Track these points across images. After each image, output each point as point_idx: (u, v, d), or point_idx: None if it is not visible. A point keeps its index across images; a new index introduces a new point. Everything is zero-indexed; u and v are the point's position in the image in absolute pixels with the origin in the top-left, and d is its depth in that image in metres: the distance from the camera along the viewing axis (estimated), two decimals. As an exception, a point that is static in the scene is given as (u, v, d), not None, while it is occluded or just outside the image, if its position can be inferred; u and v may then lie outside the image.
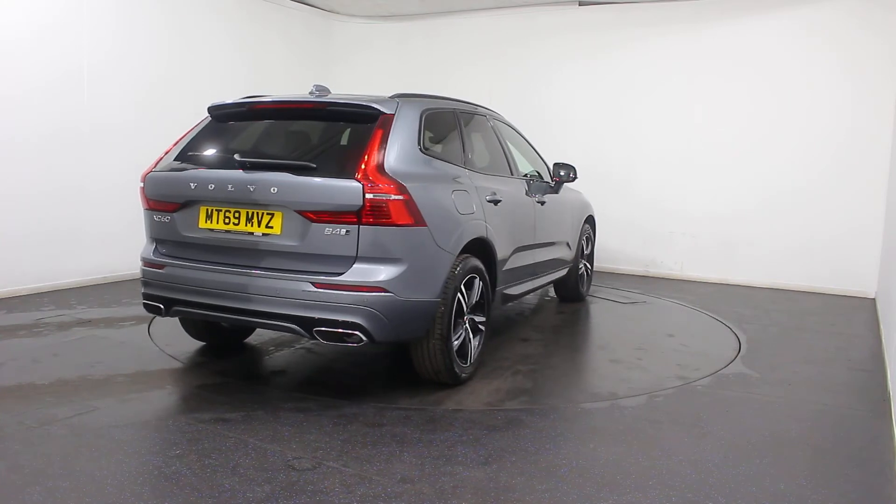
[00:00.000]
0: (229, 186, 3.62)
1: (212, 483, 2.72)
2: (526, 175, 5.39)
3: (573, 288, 6.30)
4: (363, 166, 3.44)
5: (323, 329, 3.44)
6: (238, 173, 3.63)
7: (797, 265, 7.31)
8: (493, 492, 2.72)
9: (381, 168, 3.46)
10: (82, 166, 6.31)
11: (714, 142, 7.62)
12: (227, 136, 4.05)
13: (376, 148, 3.53)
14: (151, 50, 6.89)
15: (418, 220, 3.52)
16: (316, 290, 3.42)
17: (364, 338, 3.42)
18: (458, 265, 3.81)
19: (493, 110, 5.36)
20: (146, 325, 5.12)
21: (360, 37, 9.31)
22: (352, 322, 3.40)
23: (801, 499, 2.74)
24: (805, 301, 6.82)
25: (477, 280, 4.04)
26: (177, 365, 4.33)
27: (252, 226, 3.60)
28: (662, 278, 7.86)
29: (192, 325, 4.58)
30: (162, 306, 3.89)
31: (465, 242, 3.86)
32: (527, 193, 5.00)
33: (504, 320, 5.76)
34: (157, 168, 4.03)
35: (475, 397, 3.82)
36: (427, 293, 3.61)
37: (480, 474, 2.87)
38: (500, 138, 5.05)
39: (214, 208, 3.72)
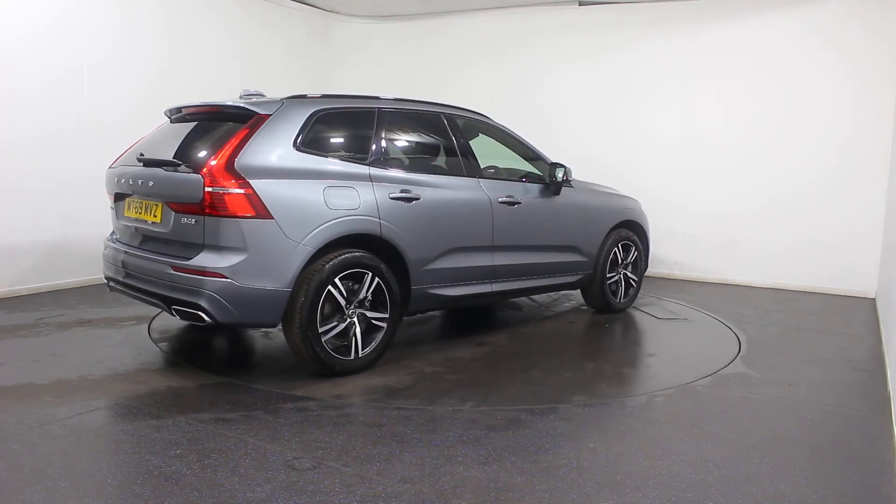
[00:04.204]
0: (130, 181, 4.23)
1: (212, 483, 2.72)
2: (524, 177, 5.32)
3: (599, 297, 5.86)
4: (211, 162, 3.78)
5: (177, 308, 3.85)
6: (139, 169, 4.20)
7: (797, 265, 7.30)
8: (493, 492, 2.72)
9: (229, 164, 3.76)
10: (82, 166, 6.30)
11: (714, 142, 7.61)
12: (161, 136, 4.49)
13: (232, 146, 3.83)
14: (151, 50, 6.89)
15: (262, 213, 3.75)
16: (173, 272, 3.84)
17: (208, 318, 3.73)
18: (329, 259, 3.94)
19: (470, 110, 5.23)
20: (146, 325, 5.12)
21: (360, 37, 9.31)
22: (196, 303, 3.75)
23: (801, 499, 2.74)
24: (805, 301, 6.82)
25: (369, 276, 4.10)
26: (177, 365, 4.33)
27: (147, 215, 4.13)
28: (662, 278, 7.86)
29: None
30: (107, 282, 4.56)
31: (333, 237, 3.97)
32: (485, 194, 4.82)
33: (500, 323, 5.76)
34: (114, 164, 4.61)
35: (330, 389, 3.86)
36: (273, 282, 3.79)
37: (480, 474, 2.87)
38: (458, 138, 4.92)
39: (132, 200, 4.29)
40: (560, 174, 5.30)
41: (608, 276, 5.86)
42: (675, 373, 4.48)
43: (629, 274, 6.09)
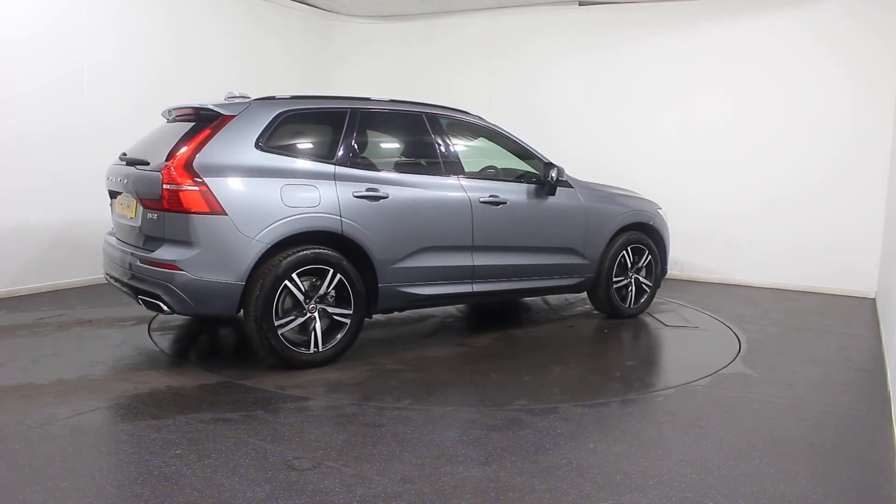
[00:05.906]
0: (116, 179, 4.48)
1: (212, 483, 2.72)
2: (521, 177, 5.26)
3: (605, 302, 5.67)
4: (171, 160, 3.97)
5: (142, 298, 4.07)
6: (122, 168, 4.43)
7: (797, 265, 7.30)
8: (493, 492, 2.72)
9: (188, 163, 3.95)
10: (82, 165, 6.30)
11: (714, 142, 7.61)
12: (152, 136, 4.62)
13: (193, 145, 4.03)
14: (151, 50, 6.89)
15: (216, 210, 3.93)
16: (139, 264, 4.06)
17: (167, 308, 3.96)
18: (286, 255, 4.06)
19: (459, 110, 5.19)
20: (146, 325, 5.12)
21: (361, 37, 9.30)
22: (155, 293, 3.97)
23: (801, 499, 2.74)
24: (805, 301, 6.81)
25: (331, 272, 4.18)
26: (177, 365, 4.33)
27: (128, 211, 4.34)
28: (662, 278, 7.86)
29: None
30: (105, 276, 4.73)
31: (288, 234, 4.08)
32: (464, 193, 4.79)
33: (495, 324, 5.75)
34: (113, 163, 4.75)
35: (279, 381, 3.95)
36: (226, 276, 3.96)
37: (480, 474, 2.87)
38: (439, 138, 4.90)
39: (120, 197, 4.50)
40: (554, 174, 5.19)
41: (615, 280, 5.65)
42: (673, 373, 4.49)
43: (641, 279, 5.83)
